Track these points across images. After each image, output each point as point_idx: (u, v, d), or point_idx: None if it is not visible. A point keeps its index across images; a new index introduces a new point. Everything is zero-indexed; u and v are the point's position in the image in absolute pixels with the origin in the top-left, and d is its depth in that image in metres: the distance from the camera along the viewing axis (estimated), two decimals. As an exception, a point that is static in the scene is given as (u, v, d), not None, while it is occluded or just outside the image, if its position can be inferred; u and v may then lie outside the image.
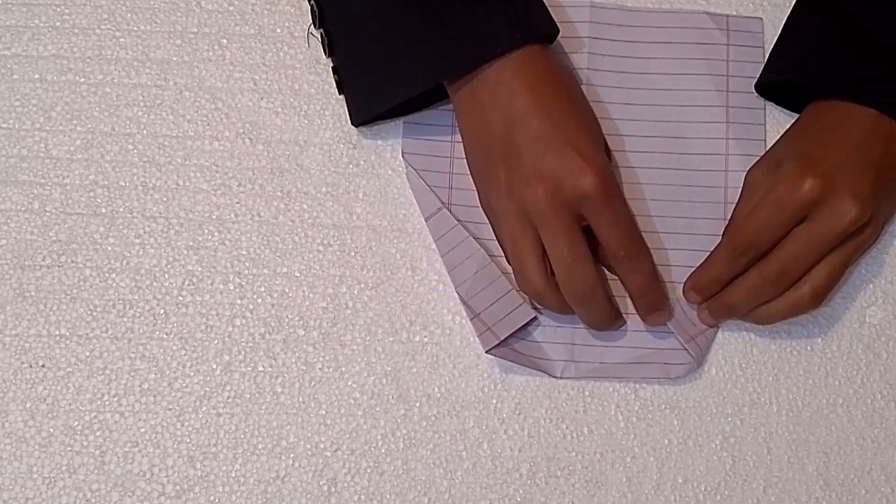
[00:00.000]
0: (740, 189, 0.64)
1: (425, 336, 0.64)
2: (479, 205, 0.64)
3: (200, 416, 0.62)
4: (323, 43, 0.65)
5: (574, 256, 0.59)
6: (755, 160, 0.65)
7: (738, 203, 0.64)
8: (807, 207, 0.59)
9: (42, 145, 0.66)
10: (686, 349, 0.63)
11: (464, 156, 0.65)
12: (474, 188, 0.65)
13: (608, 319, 0.62)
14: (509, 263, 0.63)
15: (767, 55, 0.68)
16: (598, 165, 0.59)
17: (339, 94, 0.66)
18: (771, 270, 0.60)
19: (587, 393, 0.64)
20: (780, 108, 0.68)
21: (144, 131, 0.66)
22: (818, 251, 0.60)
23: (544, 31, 0.62)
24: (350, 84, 0.65)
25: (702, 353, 0.63)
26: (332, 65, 0.66)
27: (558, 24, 0.63)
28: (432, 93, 0.63)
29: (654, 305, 0.62)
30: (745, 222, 0.61)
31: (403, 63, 0.62)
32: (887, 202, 0.63)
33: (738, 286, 0.62)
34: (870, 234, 0.61)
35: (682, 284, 0.64)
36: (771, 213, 0.60)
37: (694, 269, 0.64)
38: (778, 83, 0.66)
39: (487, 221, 0.65)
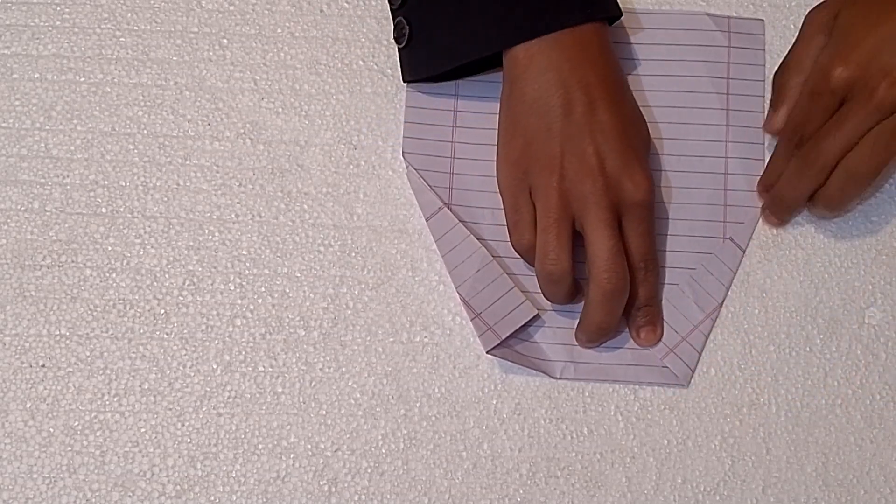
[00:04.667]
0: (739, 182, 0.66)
1: (425, 336, 0.64)
2: (495, 161, 0.64)
3: (201, 416, 0.62)
4: None
5: (612, 250, 0.60)
6: (754, 164, 0.66)
7: (796, 43, 0.65)
8: (840, 92, 0.61)
9: (42, 145, 0.66)
10: (667, 366, 0.64)
11: (465, 156, 0.66)
12: (475, 188, 0.65)
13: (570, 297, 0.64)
14: (505, 212, 0.63)
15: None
16: (651, 177, 0.61)
17: (400, 45, 0.65)
18: (808, 151, 0.62)
19: (587, 393, 0.64)
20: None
21: (145, 131, 0.66)
22: (852, 130, 0.60)
23: (612, 11, 0.63)
24: (418, 37, 0.65)
25: (685, 364, 0.64)
26: (396, 17, 0.65)
27: None
28: (491, 59, 0.64)
29: (652, 320, 0.64)
30: (793, 116, 0.63)
31: (477, 23, 0.62)
32: None
33: (783, 175, 0.64)
34: None
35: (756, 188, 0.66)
36: (809, 102, 0.62)
37: (693, 269, 0.64)
38: None
39: (488, 222, 0.65)
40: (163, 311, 0.64)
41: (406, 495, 0.62)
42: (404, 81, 0.66)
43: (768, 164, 0.66)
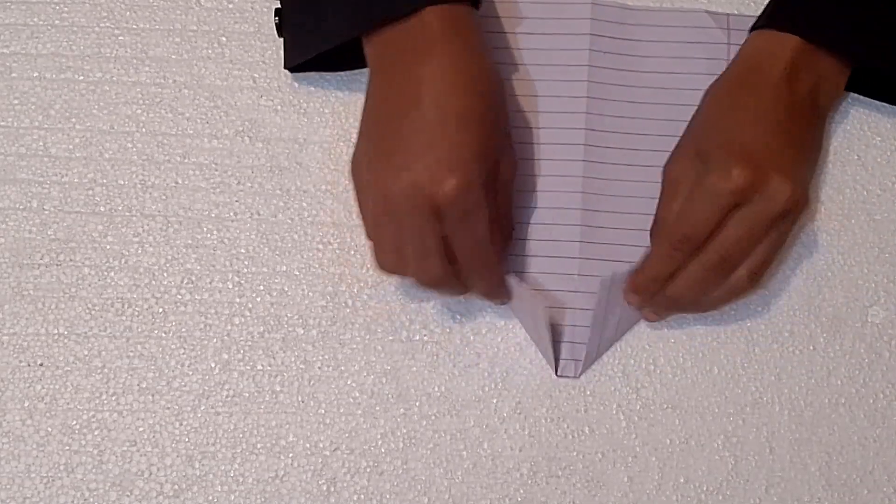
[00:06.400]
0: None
1: (425, 335, 0.64)
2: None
3: (199, 415, 0.62)
4: None
5: (429, 257, 0.58)
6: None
7: (661, 200, 0.63)
8: (740, 195, 0.58)
9: (41, 143, 0.66)
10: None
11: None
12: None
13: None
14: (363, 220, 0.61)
15: None
16: (463, 175, 0.56)
17: (279, 35, 0.65)
18: (712, 260, 0.60)
19: (588, 392, 0.63)
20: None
21: (143, 129, 0.66)
22: (756, 235, 0.59)
23: None
24: (288, 24, 0.64)
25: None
26: (276, 6, 0.65)
27: (559, 22, 0.62)
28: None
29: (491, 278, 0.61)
30: (679, 218, 0.60)
31: (331, 12, 0.61)
32: (809, 171, 0.63)
33: (680, 280, 0.61)
34: (801, 207, 0.60)
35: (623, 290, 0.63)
36: (704, 206, 0.59)
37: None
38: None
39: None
40: (161, 310, 0.63)
41: (405, 495, 0.61)
42: (285, 67, 0.66)
43: (640, 266, 0.61)
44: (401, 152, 0.57)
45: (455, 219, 0.57)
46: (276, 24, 0.65)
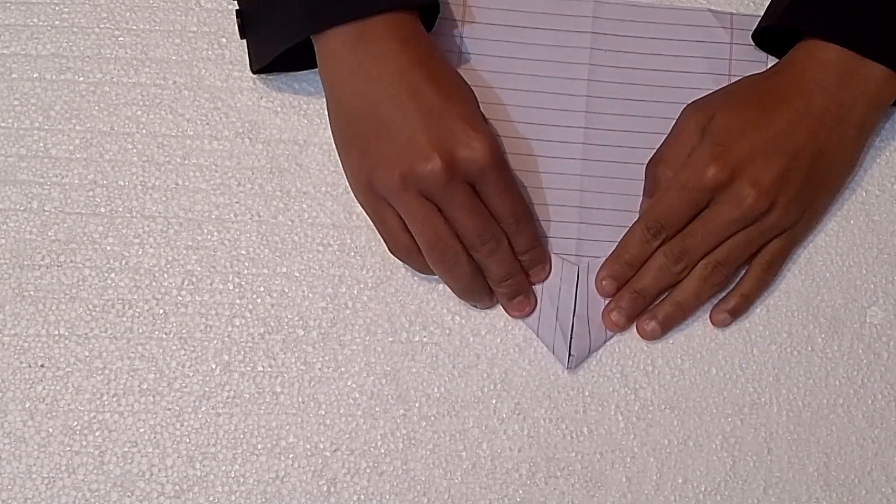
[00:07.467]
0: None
1: (425, 336, 0.64)
2: (344, 173, 0.63)
3: (200, 416, 0.62)
4: None
5: (478, 224, 0.60)
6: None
7: (670, 137, 0.65)
8: (710, 192, 0.61)
9: (41, 144, 0.66)
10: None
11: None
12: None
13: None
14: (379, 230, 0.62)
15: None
16: (489, 136, 0.59)
17: (241, 37, 0.65)
18: (674, 248, 0.62)
19: (587, 393, 0.63)
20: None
21: (143, 130, 0.66)
22: (718, 233, 0.62)
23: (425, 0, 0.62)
24: (249, 28, 0.64)
25: (561, 342, 0.64)
26: (236, 7, 0.65)
27: (560, 19, 0.62)
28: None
29: (536, 262, 0.63)
30: (655, 203, 0.63)
31: (290, 11, 0.61)
32: (809, 189, 0.63)
33: (645, 268, 0.63)
34: (774, 220, 0.62)
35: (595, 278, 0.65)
36: (678, 196, 0.62)
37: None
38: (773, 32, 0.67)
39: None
40: (161, 311, 0.64)
41: (405, 495, 0.62)
42: (251, 72, 0.66)
43: (615, 250, 0.64)
44: (414, 139, 0.58)
45: (492, 180, 0.59)
46: (238, 25, 0.65)
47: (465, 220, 0.59)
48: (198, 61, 0.67)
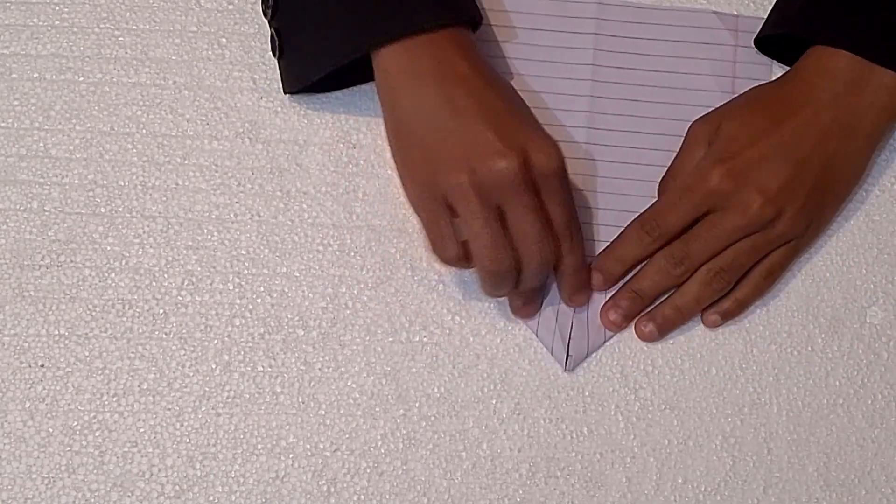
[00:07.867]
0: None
1: (425, 336, 0.64)
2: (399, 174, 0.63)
3: (200, 416, 0.62)
4: (265, 4, 0.64)
5: (541, 231, 0.59)
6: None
7: (679, 153, 0.65)
8: (713, 198, 0.61)
9: (41, 144, 0.66)
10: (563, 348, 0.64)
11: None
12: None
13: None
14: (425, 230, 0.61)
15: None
16: (556, 143, 0.59)
17: (275, 57, 0.65)
18: (675, 252, 0.62)
19: (587, 393, 0.63)
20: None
21: (143, 130, 0.66)
22: (721, 239, 0.62)
23: (469, 15, 0.62)
24: (288, 49, 0.64)
25: (559, 343, 0.64)
26: (272, 28, 0.65)
27: (563, 20, 0.63)
28: (368, 68, 0.63)
29: (581, 285, 0.63)
30: (655, 204, 0.63)
31: (334, 31, 0.61)
32: (817, 198, 0.63)
33: (645, 270, 0.63)
34: (781, 230, 0.62)
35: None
36: (678, 197, 0.62)
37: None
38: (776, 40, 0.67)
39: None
40: (161, 311, 0.64)
41: (405, 495, 0.62)
42: (285, 92, 0.66)
43: (614, 246, 0.64)
44: (486, 138, 0.58)
45: (556, 188, 0.59)
46: (275, 45, 0.64)
47: (529, 223, 0.58)
48: (198, 61, 0.67)
